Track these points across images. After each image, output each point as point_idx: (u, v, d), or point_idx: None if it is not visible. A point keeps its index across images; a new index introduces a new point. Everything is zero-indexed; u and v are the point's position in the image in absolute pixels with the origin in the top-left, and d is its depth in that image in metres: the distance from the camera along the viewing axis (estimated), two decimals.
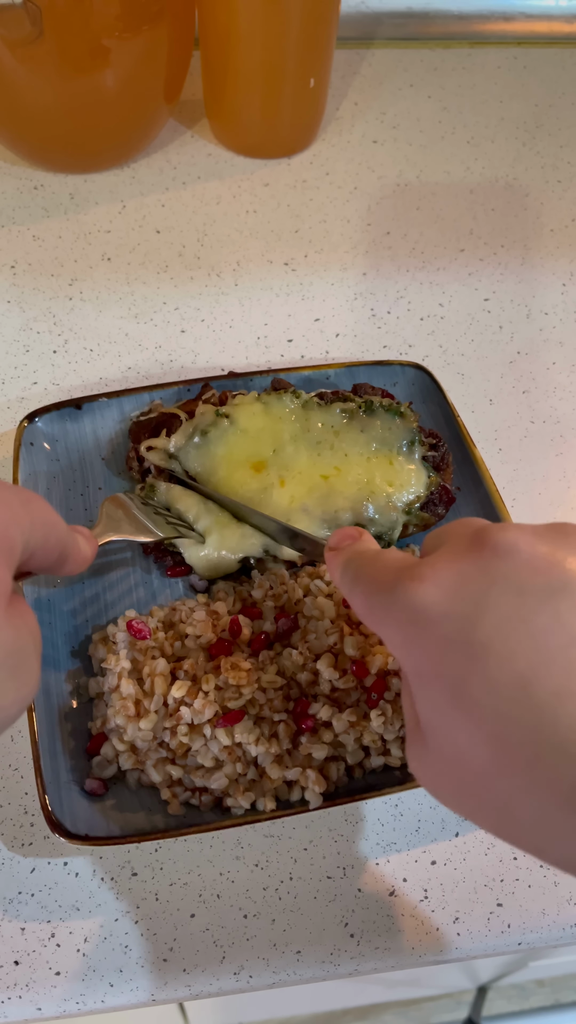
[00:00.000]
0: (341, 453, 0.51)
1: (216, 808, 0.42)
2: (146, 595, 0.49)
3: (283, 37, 0.64)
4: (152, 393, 0.55)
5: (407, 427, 0.52)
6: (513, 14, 0.88)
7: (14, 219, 0.68)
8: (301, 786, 0.42)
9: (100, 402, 0.54)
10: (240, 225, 0.70)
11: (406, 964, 0.42)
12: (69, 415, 0.53)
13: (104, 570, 0.50)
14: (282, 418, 0.52)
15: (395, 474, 0.51)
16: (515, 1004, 1.18)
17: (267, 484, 0.50)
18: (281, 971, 0.41)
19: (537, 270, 0.69)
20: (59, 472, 0.53)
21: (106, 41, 0.60)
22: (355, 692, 0.44)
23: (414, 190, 0.74)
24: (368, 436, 0.52)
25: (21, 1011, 0.39)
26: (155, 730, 0.42)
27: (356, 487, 0.50)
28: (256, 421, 0.51)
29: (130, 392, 0.54)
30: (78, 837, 0.39)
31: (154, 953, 0.41)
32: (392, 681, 0.44)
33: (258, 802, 0.42)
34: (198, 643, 0.45)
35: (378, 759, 0.43)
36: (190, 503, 0.50)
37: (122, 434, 0.54)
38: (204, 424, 0.51)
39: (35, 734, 0.42)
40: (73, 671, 0.46)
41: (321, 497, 0.50)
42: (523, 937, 0.42)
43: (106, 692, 0.44)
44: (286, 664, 0.44)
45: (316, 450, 0.51)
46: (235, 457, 0.50)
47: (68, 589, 0.49)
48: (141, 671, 0.44)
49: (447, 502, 0.52)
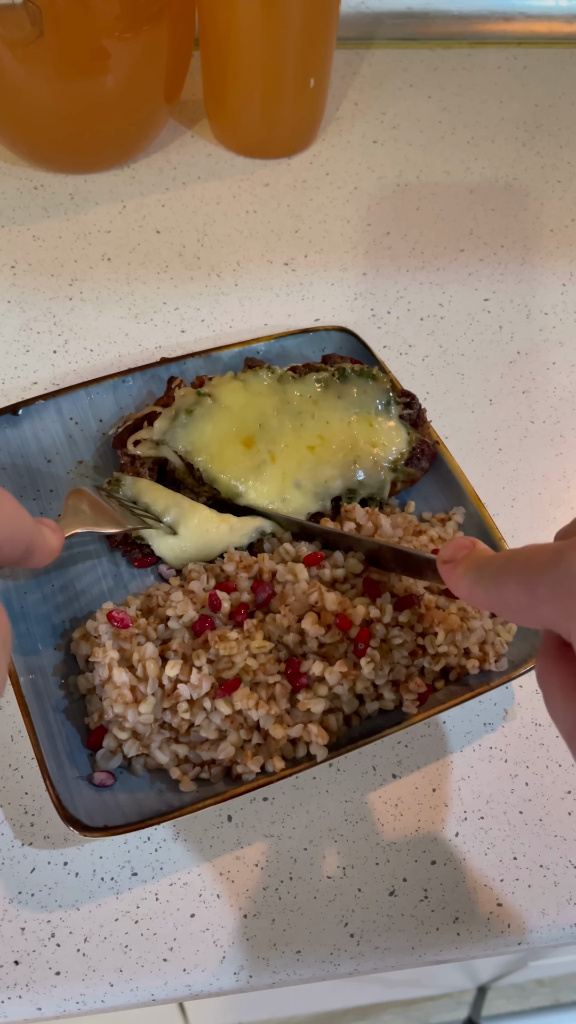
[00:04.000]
0: (323, 421, 0.52)
1: (227, 778, 0.43)
2: (117, 587, 0.50)
3: (283, 37, 0.64)
4: (88, 389, 0.55)
5: (381, 388, 0.54)
6: (513, 14, 0.88)
7: (14, 219, 0.68)
8: (305, 742, 0.43)
9: (37, 405, 0.54)
10: (240, 225, 0.70)
11: (406, 964, 0.42)
12: (8, 421, 0.53)
13: (71, 564, 0.50)
14: (261, 392, 0.53)
15: (377, 434, 0.52)
16: (515, 1004, 1.18)
17: (259, 461, 0.51)
18: (281, 971, 0.41)
19: (537, 270, 0.69)
20: (6, 479, 0.53)
21: (106, 41, 0.60)
22: (342, 644, 0.45)
23: (414, 190, 0.74)
24: (345, 401, 0.53)
25: (21, 1011, 0.39)
26: (155, 712, 0.43)
27: (342, 453, 0.51)
28: (238, 397, 0.52)
29: (66, 391, 0.55)
30: (96, 829, 0.40)
31: (154, 953, 0.41)
32: (376, 628, 0.45)
33: (267, 764, 0.43)
34: (181, 623, 0.46)
35: (373, 704, 0.45)
36: (158, 495, 0.50)
37: (64, 434, 0.54)
38: (187, 404, 0.52)
39: (35, 735, 0.42)
40: (58, 669, 0.46)
41: (311, 469, 0.51)
42: (523, 937, 0.43)
43: (98, 686, 0.44)
44: (272, 629, 0.45)
45: (299, 420, 0.52)
46: (224, 433, 0.51)
47: (37, 587, 0.49)
48: (130, 659, 0.45)
49: (430, 455, 0.53)
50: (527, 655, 0.46)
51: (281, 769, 0.42)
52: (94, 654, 0.44)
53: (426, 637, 0.45)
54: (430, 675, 0.46)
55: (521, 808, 0.46)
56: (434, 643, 0.45)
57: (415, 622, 0.46)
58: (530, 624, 0.33)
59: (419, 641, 0.45)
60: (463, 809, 0.45)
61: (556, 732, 0.48)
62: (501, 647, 0.47)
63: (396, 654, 0.45)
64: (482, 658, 0.46)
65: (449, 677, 0.46)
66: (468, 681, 0.46)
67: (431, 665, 0.45)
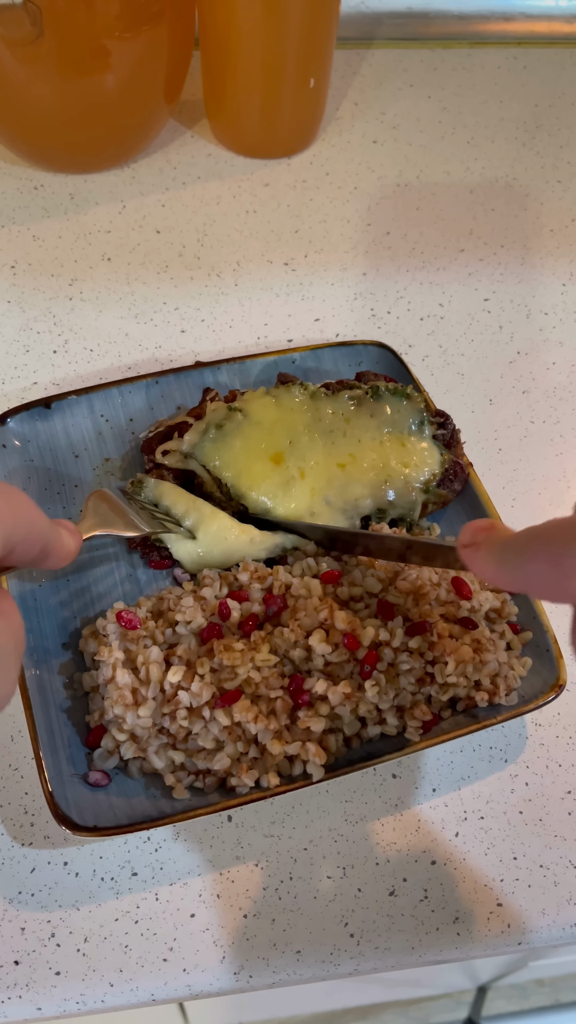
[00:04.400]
0: (354, 439, 0.52)
1: (221, 789, 0.43)
2: (132, 589, 0.50)
3: (283, 37, 0.64)
4: (120, 388, 0.55)
5: (415, 408, 0.53)
6: (513, 14, 0.88)
7: (14, 219, 0.68)
8: (302, 760, 0.43)
9: (70, 400, 0.54)
10: (240, 225, 0.70)
11: (406, 964, 0.42)
12: (39, 415, 0.54)
13: (90, 565, 0.50)
14: (293, 409, 0.52)
15: (409, 455, 0.52)
16: (515, 1004, 1.18)
17: (288, 477, 0.50)
18: (281, 971, 0.41)
19: (537, 270, 0.69)
20: (34, 472, 0.53)
21: (106, 41, 0.60)
22: (348, 665, 0.45)
23: (414, 190, 0.74)
24: (378, 420, 0.52)
25: (21, 1011, 0.39)
26: (154, 717, 0.43)
27: (373, 472, 0.51)
28: (269, 413, 0.52)
29: (99, 388, 0.55)
30: (86, 829, 0.40)
31: (154, 953, 0.41)
32: (384, 652, 0.44)
33: (261, 779, 0.42)
34: (189, 629, 0.45)
35: (375, 728, 0.44)
36: (178, 499, 0.50)
37: (94, 430, 0.54)
38: (217, 419, 0.51)
39: (34, 730, 0.42)
40: (65, 666, 0.46)
41: (340, 487, 0.50)
42: (523, 937, 0.43)
43: (101, 684, 0.44)
44: (278, 643, 0.45)
45: (330, 438, 0.51)
46: (253, 449, 0.51)
47: (54, 585, 0.49)
48: (135, 661, 0.44)
49: (463, 478, 0.52)
50: (539, 690, 0.45)
51: (276, 785, 0.42)
52: (100, 652, 0.44)
53: (436, 666, 0.44)
54: (437, 704, 0.45)
55: (521, 808, 0.46)
56: (443, 672, 0.44)
57: (425, 649, 0.45)
58: (559, 600, 0.32)
59: (428, 669, 0.45)
60: (463, 809, 0.45)
61: (556, 732, 0.48)
62: (514, 681, 0.45)
63: (403, 680, 0.44)
64: (492, 691, 0.45)
65: (457, 707, 0.45)
66: (476, 712, 0.45)
67: (438, 694, 0.45)
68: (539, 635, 0.48)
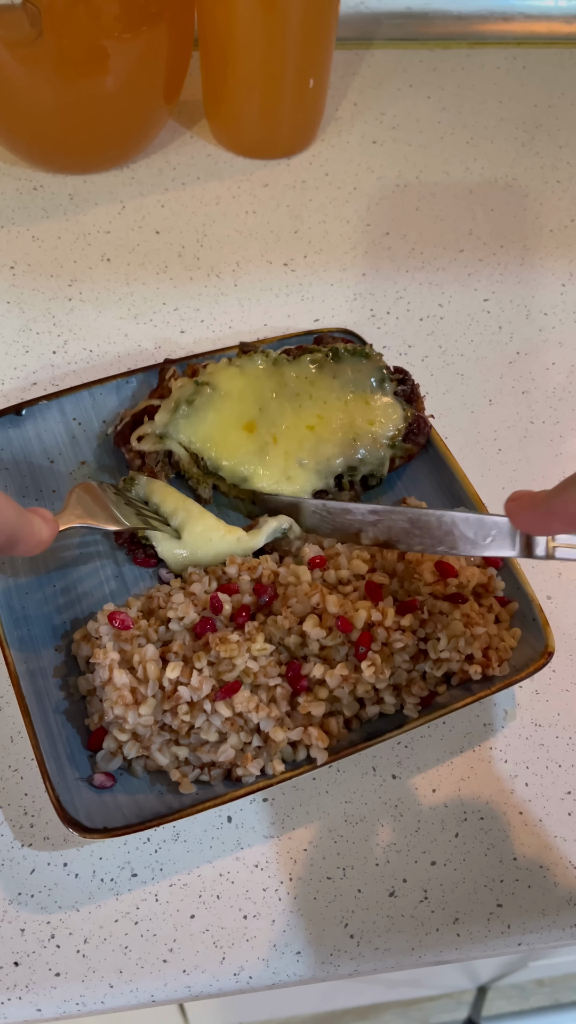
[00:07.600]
0: (320, 401, 0.53)
1: (227, 780, 0.43)
2: (119, 587, 0.50)
3: (282, 37, 0.64)
4: (91, 390, 0.55)
5: (375, 366, 0.55)
6: (513, 14, 0.88)
7: (14, 219, 0.68)
8: (305, 745, 0.43)
9: (40, 405, 0.54)
10: (239, 226, 0.70)
11: (406, 965, 0.42)
12: (11, 422, 0.53)
13: (75, 564, 0.50)
14: (258, 376, 0.53)
15: (373, 412, 0.53)
16: (515, 1004, 1.18)
17: (262, 444, 0.51)
18: (281, 971, 0.41)
19: (536, 270, 0.69)
20: (9, 480, 0.53)
21: (105, 42, 0.60)
22: (343, 647, 0.45)
23: (413, 190, 0.74)
24: (341, 381, 0.54)
25: (21, 1012, 0.39)
26: (155, 714, 0.43)
27: (341, 431, 0.52)
28: (236, 383, 0.53)
29: (69, 392, 0.55)
30: (96, 831, 0.40)
31: (154, 954, 0.41)
32: (377, 632, 0.45)
33: (267, 767, 0.43)
34: (182, 625, 0.46)
35: (373, 708, 0.45)
36: (167, 497, 0.50)
37: (67, 434, 0.54)
38: (187, 395, 0.52)
39: (35, 737, 0.42)
40: (58, 669, 0.46)
41: (312, 448, 0.52)
42: (523, 937, 0.43)
43: (98, 687, 0.44)
44: (273, 631, 0.45)
45: (296, 402, 0.53)
46: (226, 420, 0.52)
47: (40, 591, 0.48)
48: (130, 660, 0.44)
49: (426, 431, 0.54)
50: (529, 659, 0.46)
51: (281, 772, 0.42)
52: (95, 655, 0.44)
53: (428, 642, 0.45)
54: (432, 680, 0.46)
55: (521, 808, 0.46)
56: (436, 648, 0.45)
57: (417, 626, 0.45)
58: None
59: (421, 646, 0.45)
60: (463, 809, 0.45)
61: (556, 733, 0.48)
62: (506, 652, 0.47)
63: (398, 658, 0.45)
64: (485, 663, 0.46)
65: (451, 682, 0.46)
66: (470, 686, 0.46)
67: (433, 670, 0.45)
68: (525, 606, 0.48)
